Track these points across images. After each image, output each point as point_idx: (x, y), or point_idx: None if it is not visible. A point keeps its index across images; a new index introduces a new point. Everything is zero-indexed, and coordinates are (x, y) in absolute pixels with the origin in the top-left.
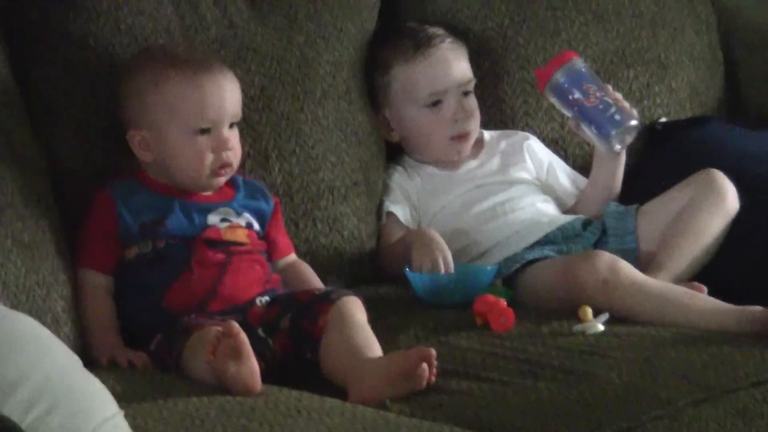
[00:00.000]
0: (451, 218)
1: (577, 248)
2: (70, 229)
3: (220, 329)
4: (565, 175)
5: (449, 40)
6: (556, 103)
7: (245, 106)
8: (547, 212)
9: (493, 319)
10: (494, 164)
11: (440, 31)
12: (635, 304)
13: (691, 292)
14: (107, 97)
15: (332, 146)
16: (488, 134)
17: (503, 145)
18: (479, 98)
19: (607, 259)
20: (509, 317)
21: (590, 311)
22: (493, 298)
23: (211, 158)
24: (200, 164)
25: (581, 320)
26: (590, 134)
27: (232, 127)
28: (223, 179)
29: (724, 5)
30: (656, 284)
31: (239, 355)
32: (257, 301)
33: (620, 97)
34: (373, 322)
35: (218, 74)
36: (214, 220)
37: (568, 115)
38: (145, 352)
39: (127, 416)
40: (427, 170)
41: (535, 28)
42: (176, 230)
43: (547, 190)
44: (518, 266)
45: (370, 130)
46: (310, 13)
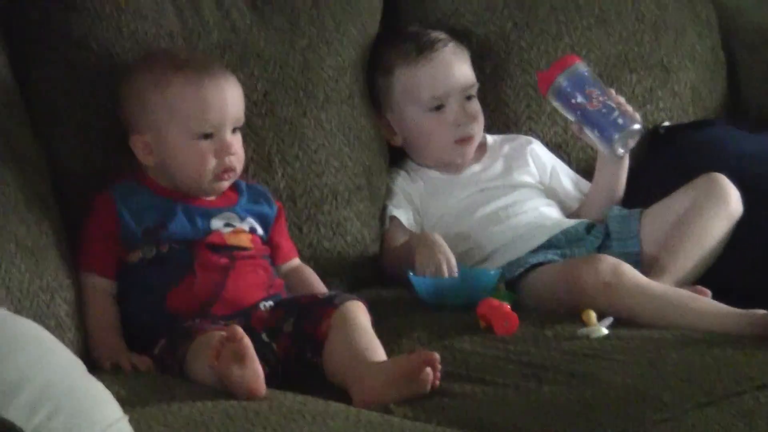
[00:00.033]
0: (454, 222)
1: (580, 252)
2: (71, 231)
3: (223, 333)
4: (568, 178)
5: (451, 44)
6: (558, 107)
7: (248, 110)
8: (550, 216)
9: (496, 322)
10: (497, 168)
11: (442, 35)
12: (638, 307)
13: (694, 295)
14: (108, 99)
15: (335, 150)
16: (491, 138)
17: (506, 149)
18: (482, 102)
19: (610, 262)
20: (513, 321)
21: (594, 315)
22: (496, 301)
23: (213, 163)
24: (203, 169)
25: (585, 324)
26: (593, 138)
27: (234, 131)
28: (226, 183)
29: (725, 7)
30: (659, 287)
31: (243, 359)
32: (261, 305)
33: (623, 100)
34: (376, 325)
35: (220, 78)
36: (217, 224)
37: (570, 119)
38: (148, 356)
39: (131, 420)
40: (430, 174)
41: (537, 31)
42: (179, 234)
43: (550, 193)
44: (522, 270)
45: (372, 134)
46: (312, 17)
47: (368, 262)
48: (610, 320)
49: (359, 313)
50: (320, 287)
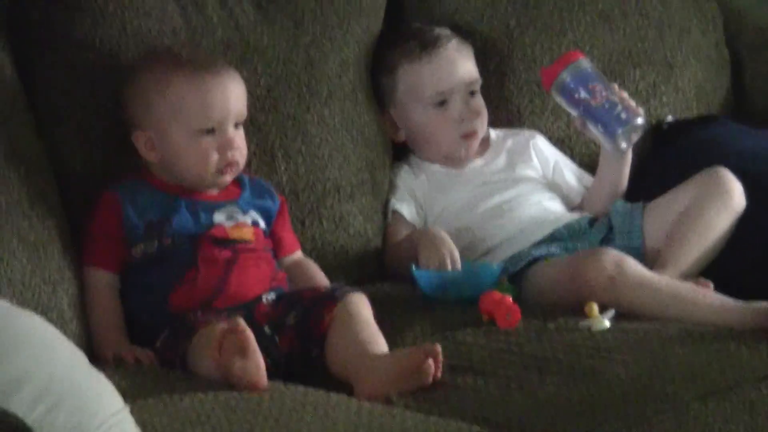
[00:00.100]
0: (457, 216)
1: (583, 246)
2: (74, 228)
3: (225, 326)
4: (571, 173)
5: (455, 40)
6: (562, 102)
7: (252, 106)
8: (553, 210)
9: (499, 315)
10: (500, 162)
11: (446, 31)
12: (641, 300)
13: (696, 288)
14: (111, 96)
15: (338, 146)
16: (494, 133)
17: (509, 143)
18: (485, 98)
19: (613, 256)
20: (515, 314)
21: (596, 308)
22: (498, 294)
23: (216, 158)
24: (205, 164)
25: (587, 317)
26: (596, 133)
27: (237, 126)
28: (229, 177)
29: (729, 5)
30: (662, 281)
31: (245, 351)
32: (263, 298)
33: (626, 95)
34: (378, 319)
35: (222, 74)
36: (220, 218)
37: (574, 114)
38: (150, 349)
39: (132, 412)
40: (433, 168)
41: (541, 28)
42: (182, 228)
43: (553, 187)
44: (524, 263)
45: (376, 129)
46: (316, 14)
47: (371, 256)
48: (612, 313)
49: (361, 305)
50: (323, 280)
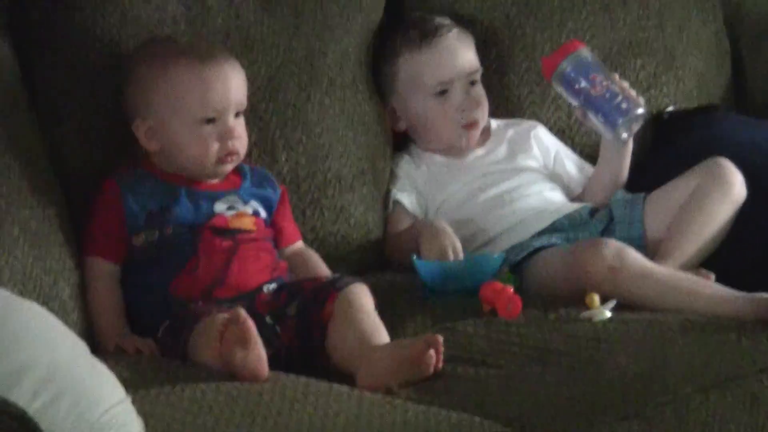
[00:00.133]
0: (458, 206)
1: (584, 236)
2: (74, 219)
3: (227, 316)
4: (572, 163)
5: (456, 29)
6: (562, 92)
7: (252, 95)
8: (554, 200)
9: (500, 306)
10: (501, 152)
11: (447, 20)
12: (642, 291)
13: (697, 279)
14: (112, 94)
15: (339, 135)
16: (495, 123)
17: (510, 133)
18: (486, 88)
19: (614, 246)
20: (516, 304)
21: (597, 298)
22: (500, 285)
23: (216, 147)
24: (205, 153)
25: (588, 307)
26: (597, 123)
27: (237, 116)
28: (229, 166)
29: None
30: (663, 271)
31: (246, 342)
32: (264, 288)
33: (627, 85)
34: (380, 309)
35: (222, 63)
36: (220, 207)
37: (574, 104)
38: (152, 339)
39: (134, 402)
40: (434, 158)
41: (541, 17)
42: (183, 218)
43: (554, 178)
44: (525, 254)
45: (376, 119)
46: (316, 3)
47: (372, 246)
48: (613, 303)
49: (362, 295)
50: (324, 270)
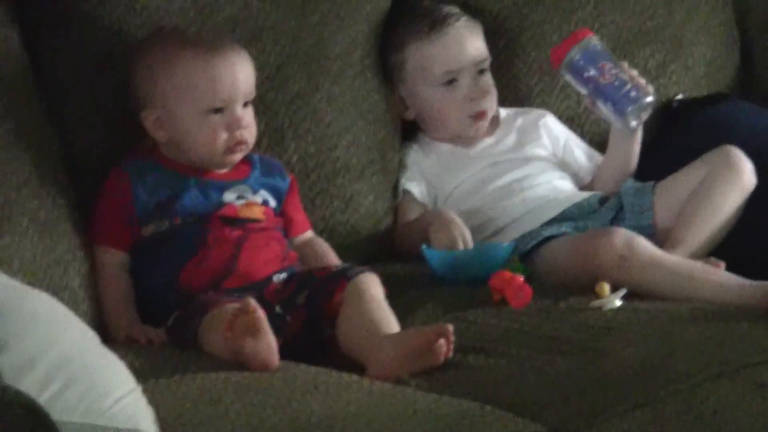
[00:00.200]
0: (467, 196)
1: (593, 225)
2: (82, 207)
3: (237, 306)
4: (581, 151)
5: (464, 18)
6: (571, 80)
7: (260, 85)
8: (563, 189)
9: (510, 295)
10: (510, 141)
11: (455, 9)
12: (652, 279)
13: (708, 267)
14: (119, 75)
15: (348, 124)
16: (504, 111)
17: (519, 122)
18: (494, 77)
19: (623, 235)
20: (526, 293)
21: (607, 287)
22: (509, 274)
23: (224, 137)
24: (214, 143)
25: (598, 296)
26: (606, 111)
27: (246, 105)
28: (238, 156)
29: None
30: (673, 260)
31: (256, 331)
32: (274, 278)
33: (636, 73)
34: (390, 298)
35: (230, 53)
36: (230, 197)
37: (583, 92)
38: (162, 328)
39: (144, 392)
40: (443, 148)
41: (550, 6)
42: (192, 207)
43: (563, 166)
44: (535, 243)
45: (385, 108)
46: None
47: (381, 235)
48: (623, 292)
49: (372, 285)
50: (334, 260)
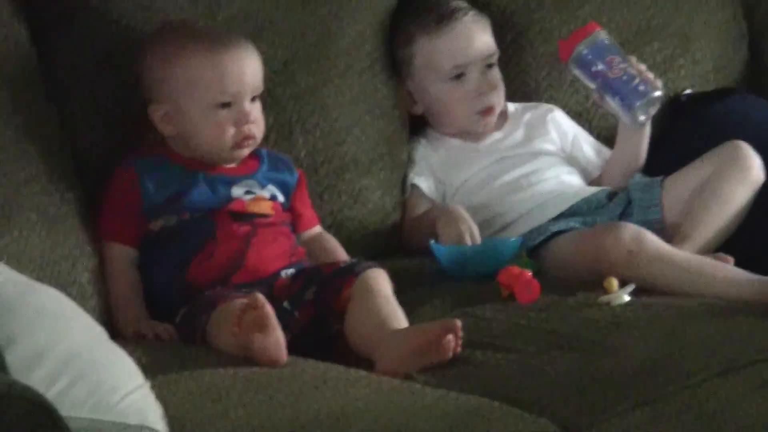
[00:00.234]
0: (475, 190)
1: (602, 220)
2: (90, 202)
3: (245, 301)
4: (589, 146)
5: (472, 12)
6: (579, 75)
7: (268, 79)
8: (571, 184)
9: (518, 290)
10: (518, 136)
11: (463, 4)
12: (660, 275)
13: (716, 263)
14: (127, 70)
15: (356, 119)
16: (512, 106)
17: (527, 117)
18: (502, 71)
19: (632, 230)
20: (534, 289)
21: (616, 282)
22: (517, 269)
23: (232, 132)
24: (221, 138)
25: (606, 291)
26: (614, 106)
27: (254, 100)
28: (246, 151)
29: None
30: (681, 255)
31: (265, 327)
32: (282, 273)
33: (644, 68)
34: (398, 293)
35: (238, 48)
36: (238, 192)
37: (591, 87)
38: (170, 324)
39: (153, 387)
40: (451, 142)
41: (558, 0)
42: (200, 202)
43: (571, 161)
44: (543, 238)
45: (393, 102)
46: None
47: (389, 230)
48: (631, 288)
49: (380, 280)
50: (342, 255)
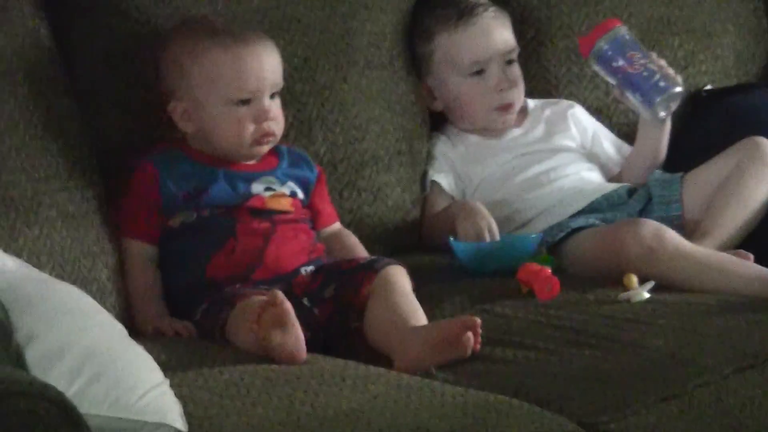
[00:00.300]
0: (495, 187)
1: (622, 216)
2: (111, 198)
3: (264, 298)
4: (609, 142)
5: (492, 8)
6: (599, 71)
7: (288, 76)
8: (591, 180)
9: (537, 287)
10: (538, 132)
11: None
12: (680, 271)
13: (736, 259)
14: (147, 66)
15: (376, 116)
16: (532, 102)
17: (547, 113)
18: (523, 67)
19: (652, 226)
20: (554, 285)
21: (635, 279)
22: (537, 266)
23: (252, 128)
24: (241, 135)
25: (626, 288)
26: (635, 102)
27: (273, 97)
28: (265, 148)
29: None
30: (701, 252)
31: (284, 324)
32: (302, 270)
33: (665, 63)
34: (417, 290)
35: (257, 44)
36: (258, 188)
37: (612, 82)
38: (190, 321)
39: (172, 385)
40: (470, 139)
41: None
42: (220, 199)
43: (591, 158)
44: (563, 234)
45: (413, 99)
46: None
47: (409, 227)
48: (651, 284)
49: (400, 277)
50: (361, 252)
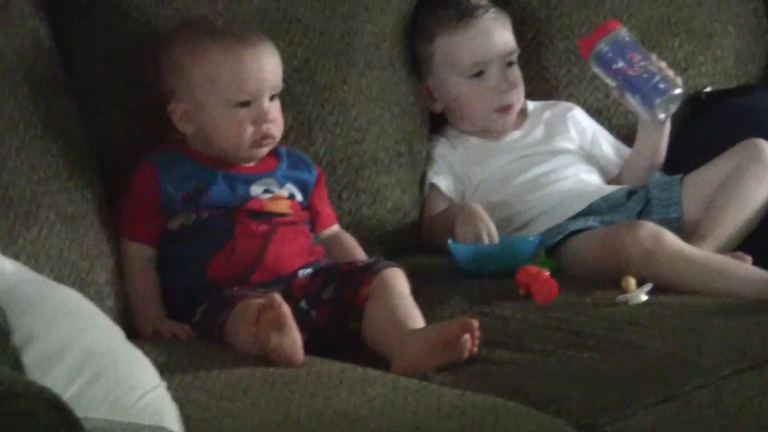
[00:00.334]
0: (494, 189)
1: (620, 218)
2: (112, 201)
3: (262, 301)
4: (609, 144)
5: (492, 10)
6: (599, 72)
7: (288, 77)
8: (590, 182)
9: (536, 289)
10: (538, 134)
11: (484, 1)
12: (679, 273)
13: (734, 261)
14: (149, 69)
15: (375, 117)
16: (532, 104)
17: (547, 115)
18: (522, 68)
19: (650, 229)
20: (552, 288)
21: (633, 281)
22: (535, 268)
23: (251, 130)
24: (240, 136)
25: (624, 290)
26: (634, 103)
27: (273, 98)
28: (264, 150)
29: None
30: (700, 254)
31: (282, 326)
32: (300, 272)
33: (665, 65)
34: (415, 292)
35: (257, 46)
36: (256, 190)
37: (611, 84)
38: (188, 324)
39: (169, 387)
40: (470, 141)
41: None
42: (219, 200)
43: (590, 160)
44: (561, 237)
45: (413, 100)
46: None
47: (408, 229)
48: (649, 287)
49: (398, 279)
50: (360, 254)
